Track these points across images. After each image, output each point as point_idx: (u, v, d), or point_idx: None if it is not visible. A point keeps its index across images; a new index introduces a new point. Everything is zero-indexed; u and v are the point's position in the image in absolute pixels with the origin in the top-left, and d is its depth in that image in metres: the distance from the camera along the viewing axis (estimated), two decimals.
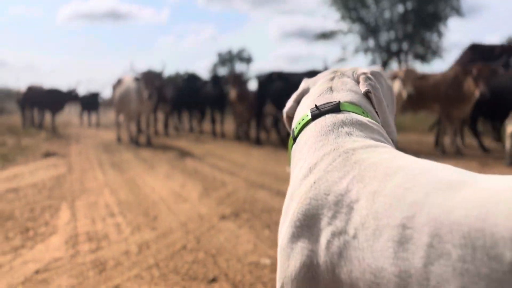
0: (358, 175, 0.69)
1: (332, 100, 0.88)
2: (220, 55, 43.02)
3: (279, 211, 3.21)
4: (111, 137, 10.16)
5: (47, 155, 6.47)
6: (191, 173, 5.00)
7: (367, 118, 0.84)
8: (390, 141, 0.86)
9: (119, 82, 8.83)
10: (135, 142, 8.13)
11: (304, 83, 1.01)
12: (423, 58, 22.58)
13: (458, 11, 21.32)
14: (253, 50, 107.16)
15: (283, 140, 8.45)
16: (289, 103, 1.02)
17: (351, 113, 0.84)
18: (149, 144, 8.32)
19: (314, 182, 0.73)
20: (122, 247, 2.40)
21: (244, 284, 1.96)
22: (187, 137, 10.10)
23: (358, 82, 0.93)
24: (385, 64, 22.86)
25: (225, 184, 4.32)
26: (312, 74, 1.18)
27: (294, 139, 0.90)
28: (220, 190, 4.03)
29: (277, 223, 2.88)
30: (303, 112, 0.92)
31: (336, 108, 0.85)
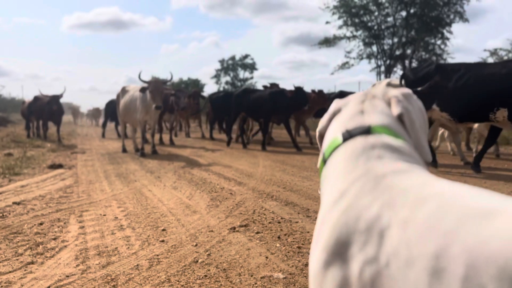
0: (389, 201, 0.67)
1: (363, 123, 0.87)
2: (223, 61, 43.09)
3: (288, 222, 3.18)
4: (116, 147, 10.17)
5: (53, 166, 6.47)
6: (198, 183, 4.98)
7: (398, 141, 0.82)
8: (423, 162, 0.84)
9: (123, 91, 8.84)
10: (140, 152, 8.12)
11: (336, 104, 0.99)
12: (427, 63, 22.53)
13: (462, 16, 21.32)
14: (255, 56, 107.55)
15: None
16: (322, 122, 1.01)
17: (382, 136, 0.82)
18: (154, 153, 8.32)
19: (345, 208, 0.71)
20: (132, 262, 2.37)
21: None
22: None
23: (389, 104, 0.91)
24: (388, 70, 22.85)
25: (233, 194, 4.29)
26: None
27: (324, 161, 0.88)
28: (228, 200, 4.00)
29: (287, 234, 2.85)
30: (333, 133, 0.90)
31: (367, 130, 0.84)
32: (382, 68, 23.14)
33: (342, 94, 9.64)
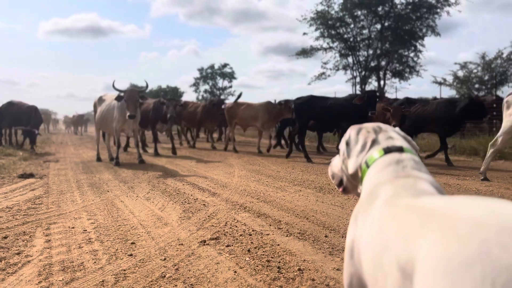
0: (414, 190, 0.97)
1: (395, 144, 1.19)
2: (201, 70, 43.01)
3: (259, 234, 3.18)
4: (91, 155, 10.00)
5: (24, 176, 6.31)
6: (171, 194, 4.94)
7: (415, 157, 1.16)
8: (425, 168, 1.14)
9: (100, 99, 8.73)
10: (115, 161, 8.00)
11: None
12: (400, 74, 23.05)
13: (433, 30, 21.94)
14: (234, 65, 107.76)
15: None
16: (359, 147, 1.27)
17: (409, 153, 1.15)
18: (141, 162, 8.20)
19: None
20: (98, 278, 2.33)
21: None
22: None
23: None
24: (363, 81, 23.25)
25: (206, 205, 4.27)
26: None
27: (367, 166, 1.21)
28: (201, 212, 3.98)
29: (257, 247, 2.86)
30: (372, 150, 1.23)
31: (400, 149, 1.17)
32: (358, 79, 23.55)
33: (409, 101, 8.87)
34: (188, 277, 2.33)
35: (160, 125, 10.25)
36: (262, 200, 4.55)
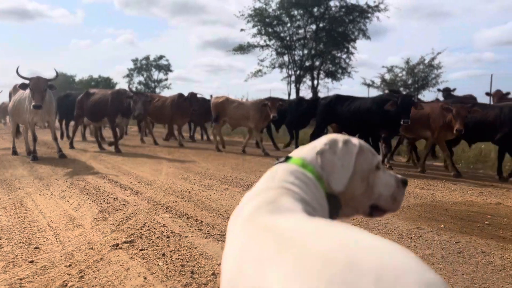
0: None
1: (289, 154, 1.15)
2: (136, 61, 41.59)
3: (177, 237, 3.07)
4: (7, 148, 9.23)
5: None
6: (90, 192, 4.66)
7: (300, 169, 1.06)
8: (312, 184, 1.04)
9: (14, 89, 8.06)
10: (32, 156, 7.43)
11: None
12: (333, 75, 23.88)
13: (364, 33, 22.94)
14: (172, 57, 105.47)
15: None
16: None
17: (293, 164, 1.08)
18: (62, 156, 7.67)
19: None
20: None
21: None
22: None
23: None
24: (298, 80, 23.77)
25: (126, 204, 4.07)
26: None
27: None
28: (119, 212, 3.78)
29: (173, 251, 2.75)
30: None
31: (287, 158, 1.12)
32: (293, 78, 24.03)
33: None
34: (92, 286, 2.17)
35: (120, 118, 9.30)
36: (186, 199, 4.43)
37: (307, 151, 1.14)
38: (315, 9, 22.97)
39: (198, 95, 10.91)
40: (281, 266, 0.62)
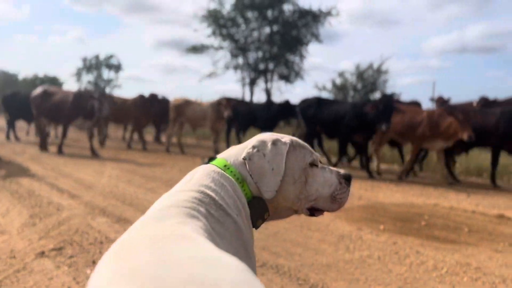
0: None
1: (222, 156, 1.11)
2: (85, 60, 40.07)
3: (112, 242, 2.92)
4: None
5: None
6: (22, 195, 4.36)
7: (220, 170, 1.02)
8: (230, 188, 0.99)
9: None
10: None
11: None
12: (286, 78, 24.17)
13: (317, 38, 23.41)
14: (125, 56, 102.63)
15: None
16: None
17: (211, 165, 1.05)
18: None
19: None
20: None
21: None
22: None
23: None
24: (253, 82, 23.85)
25: (60, 209, 3.84)
26: None
27: None
28: (51, 217, 3.55)
29: None
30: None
31: (210, 159, 1.10)
32: (247, 80, 24.04)
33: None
34: None
35: (82, 121, 8.77)
36: (127, 203, 4.25)
37: (236, 151, 1.08)
38: (270, 13, 23.14)
39: (159, 97, 10.89)
40: (103, 275, 0.62)
